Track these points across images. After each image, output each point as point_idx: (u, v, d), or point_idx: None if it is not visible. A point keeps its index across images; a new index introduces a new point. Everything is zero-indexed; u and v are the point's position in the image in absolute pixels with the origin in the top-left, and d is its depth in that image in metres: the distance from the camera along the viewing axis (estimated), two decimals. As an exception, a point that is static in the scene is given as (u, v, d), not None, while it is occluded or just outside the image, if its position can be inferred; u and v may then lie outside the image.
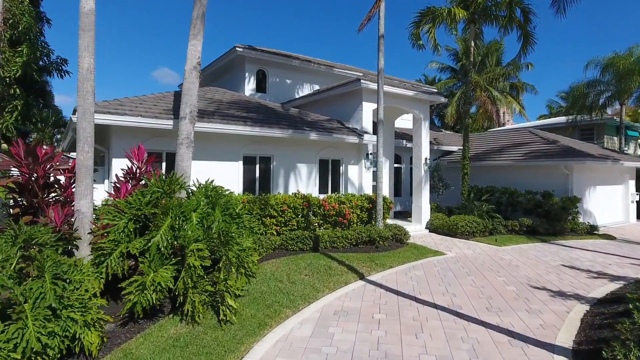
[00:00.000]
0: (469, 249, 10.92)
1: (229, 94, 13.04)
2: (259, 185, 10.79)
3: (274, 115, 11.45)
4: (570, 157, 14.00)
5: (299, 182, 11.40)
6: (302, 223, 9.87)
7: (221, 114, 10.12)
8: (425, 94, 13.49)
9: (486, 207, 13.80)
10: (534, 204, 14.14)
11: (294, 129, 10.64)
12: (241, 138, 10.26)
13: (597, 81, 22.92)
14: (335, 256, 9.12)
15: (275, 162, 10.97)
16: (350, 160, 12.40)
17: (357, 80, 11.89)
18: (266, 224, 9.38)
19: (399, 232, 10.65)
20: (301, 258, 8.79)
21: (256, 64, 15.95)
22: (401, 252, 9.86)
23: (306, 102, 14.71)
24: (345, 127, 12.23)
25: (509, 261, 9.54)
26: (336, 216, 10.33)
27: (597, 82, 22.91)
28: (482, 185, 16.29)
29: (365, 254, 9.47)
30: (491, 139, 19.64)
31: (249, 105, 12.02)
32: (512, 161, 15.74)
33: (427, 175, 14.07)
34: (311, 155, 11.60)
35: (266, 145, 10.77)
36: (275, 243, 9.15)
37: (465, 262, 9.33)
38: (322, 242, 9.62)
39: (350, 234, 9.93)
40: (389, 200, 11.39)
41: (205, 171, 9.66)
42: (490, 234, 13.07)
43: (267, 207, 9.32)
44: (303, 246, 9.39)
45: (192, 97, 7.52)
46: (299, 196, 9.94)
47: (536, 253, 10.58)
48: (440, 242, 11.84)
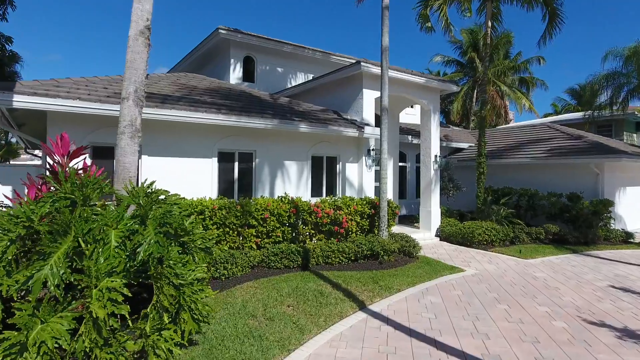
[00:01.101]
0: (491, 263, 9.11)
1: (208, 80, 11.24)
2: (238, 188, 8.97)
3: (257, 104, 9.64)
4: (602, 154, 12.18)
5: (287, 184, 9.59)
6: (289, 234, 8.06)
7: (190, 99, 8.32)
8: (436, 81, 11.69)
9: (505, 211, 11.99)
10: (559, 208, 12.32)
11: (280, 118, 8.82)
12: (215, 130, 8.46)
13: (617, 73, 21.07)
14: (329, 276, 7.31)
15: (258, 160, 9.16)
16: (348, 158, 10.58)
17: (357, 63, 10.08)
18: (244, 235, 7.56)
19: (407, 243, 8.83)
20: (286, 279, 6.98)
21: (243, 50, 14.13)
22: (411, 269, 8.04)
23: (299, 92, 12.90)
24: (343, 119, 10.42)
25: (544, 281, 7.72)
26: (331, 225, 8.52)
27: (617, 74, 21.07)
28: (496, 186, 14.48)
29: (366, 273, 7.66)
30: (505, 135, 17.83)
31: (229, 92, 10.21)
32: (531, 159, 13.93)
33: (437, 175, 12.25)
34: (302, 151, 9.79)
35: (247, 138, 8.96)
36: (254, 259, 7.34)
37: (490, 282, 7.52)
38: (314, 257, 7.81)
39: (348, 247, 8.12)
40: (394, 205, 9.58)
41: (169, 170, 7.86)
42: (511, 243, 11.26)
43: (246, 215, 7.51)
44: (289, 263, 7.58)
45: (137, 72, 5.71)
46: (285, 201, 8.13)
47: (572, 269, 8.77)
48: (455, 254, 10.02)
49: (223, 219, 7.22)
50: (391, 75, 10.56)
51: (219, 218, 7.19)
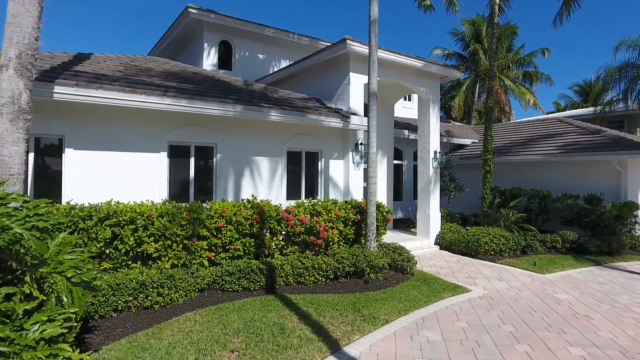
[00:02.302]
0: (501, 280, 7.54)
1: (170, 64, 9.68)
2: (194, 190, 7.40)
3: (223, 89, 8.07)
4: (627, 150, 10.60)
5: (257, 184, 8.02)
6: (253, 247, 6.49)
7: (132, 81, 6.75)
8: (436, 65, 10.12)
9: (514, 216, 10.42)
10: (576, 212, 10.76)
11: (245, 104, 7.25)
12: (165, 118, 6.91)
13: (631, 64, 19.48)
14: (299, 301, 5.74)
15: (220, 155, 7.59)
16: (332, 154, 9.02)
17: (343, 41, 8.52)
18: (192, 249, 5.99)
19: (400, 257, 7.27)
20: (240, 308, 5.41)
21: (218, 33, 12.56)
22: (404, 291, 6.48)
23: (280, 79, 11.34)
24: (326, 107, 8.85)
25: (570, 306, 6.16)
26: (306, 234, 6.95)
27: (632, 66, 19.49)
28: (503, 186, 12.92)
29: (347, 296, 6.10)
30: (511, 131, 16.27)
31: (192, 76, 8.64)
32: (543, 156, 12.35)
33: (437, 174, 10.69)
34: (275, 145, 8.23)
35: (205, 129, 7.39)
36: (203, 281, 5.77)
37: (503, 309, 5.95)
38: (281, 276, 6.25)
39: (326, 263, 6.56)
40: (385, 209, 8.01)
41: (103, 167, 6.30)
42: (522, 253, 9.70)
43: (194, 224, 5.94)
44: (249, 284, 6.02)
45: (23, 31, 4.15)
46: (248, 205, 6.56)
47: (600, 287, 7.21)
48: (457, 268, 8.45)
49: (162, 229, 5.65)
50: (383, 56, 9.01)
51: (157, 228, 5.62)
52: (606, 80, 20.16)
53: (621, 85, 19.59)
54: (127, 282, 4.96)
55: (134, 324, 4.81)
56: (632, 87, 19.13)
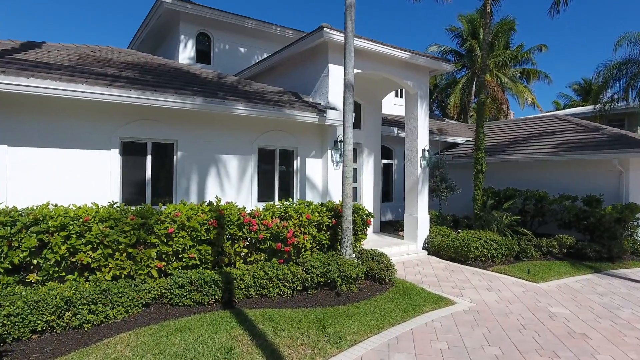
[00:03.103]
0: (491, 291, 6.85)
1: (138, 55, 8.98)
2: (151, 191, 6.71)
3: (187, 81, 7.38)
4: (628, 148, 9.91)
5: (225, 185, 7.33)
6: (210, 255, 5.79)
7: (77, 69, 6.06)
8: (424, 57, 9.42)
9: (508, 218, 9.73)
10: (574, 214, 10.06)
11: (207, 96, 6.56)
12: (116, 111, 6.22)
13: (631, 61, 18.79)
14: (257, 318, 5.05)
15: (181, 153, 6.89)
16: (309, 151, 8.33)
17: (320, 29, 7.83)
18: (137, 259, 5.30)
19: (378, 265, 6.58)
20: (185, 327, 4.72)
21: (195, 25, 11.87)
22: (379, 304, 5.78)
23: (258, 72, 10.65)
24: (301, 101, 8.16)
25: (565, 322, 5.47)
26: (273, 240, 6.25)
27: (632, 62, 18.80)
28: (497, 187, 12.23)
29: (314, 311, 5.41)
30: (508, 129, 15.58)
31: (158, 68, 7.95)
32: (539, 155, 11.66)
33: (425, 173, 10.00)
34: (245, 142, 7.54)
35: (164, 124, 6.71)
36: (148, 294, 5.08)
37: (490, 325, 5.26)
38: (241, 288, 5.56)
39: (293, 273, 5.87)
40: (365, 212, 7.32)
41: (45, 166, 5.62)
42: (516, 259, 9.01)
43: (139, 230, 5.25)
44: (202, 298, 5.33)
45: None
46: (206, 209, 5.87)
47: (600, 299, 6.51)
48: (444, 276, 7.76)
49: (101, 237, 4.96)
50: (365, 46, 8.34)
51: (95, 235, 4.93)
52: (606, 78, 19.47)
53: (621, 82, 18.88)
54: (49, 298, 4.27)
55: (55, 348, 4.12)
56: (633, 84, 18.44)
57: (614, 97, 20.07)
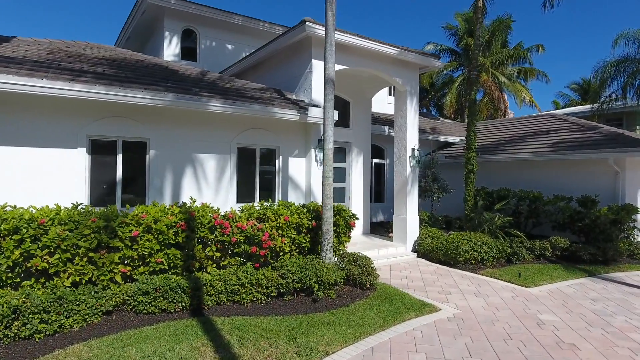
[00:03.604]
0: (479, 296, 6.54)
1: (117, 51, 8.67)
2: (122, 192, 6.40)
3: (162, 77, 7.08)
4: (625, 147, 9.61)
5: (202, 185, 7.03)
6: (179, 259, 5.48)
7: (43, 64, 5.76)
8: (413, 53, 9.11)
9: (500, 220, 9.42)
10: (568, 216, 9.75)
11: (180, 92, 6.25)
12: (82, 107, 5.92)
13: (629, 59, 18.48)
14: (225, 327, 4.75)
15: (155, 152, 6.59)
16: (292, 150, 8.03)
17: (302, 23, 7.52)
18: (99, 264, 4.99)
19: (359, 270, 6.27)
20: (147, 337, 4.41)
21: (181, 21, 11.57)
22: (357, 311, 5.48)
23: (244, 69, 10.34)
24: (283, 98, 7.86)
25: (554, 330, 5.16)
26: (248, 244, 5.94)
27: (630, 60, 18.49)
28: (491, 187, 11.92)
29: (287, 319, 5.10)
30: (503, 128, 15.27)
31: (135, 64, 7.65)
32: (534, 154, 11.36)
33: (415, 173, 9.70)
34: (223, 140, 7.23)
35: (135, 121, 6.40)
36: (109, 302, 4.78)
37: (474, 335, 4.95)
38: (211, 294, 5.26)
39: (268, 278, 5.57)
40: (348, 214, 7.01)
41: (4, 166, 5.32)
42: (508, 262, 8.71)
43: (101, 233, 4.95)
44: (169, 305, 5.02)
45: None
46: (176, 210, 5.56)
47: (592, 305, 6.20)
48: (432, 280, 7.45)
49: (58, 240, 4.65)
50: (351, 41, 8.04)
51: (52, 239, 4.63)
52: (603, 76, 19.17)
53: (619, 80, 18.58)
54: (-6, 307, 3.97)
55: (-1, 362, 3.82)
56: (631, 83, 18.14)
57: (611, 96, 19.78)
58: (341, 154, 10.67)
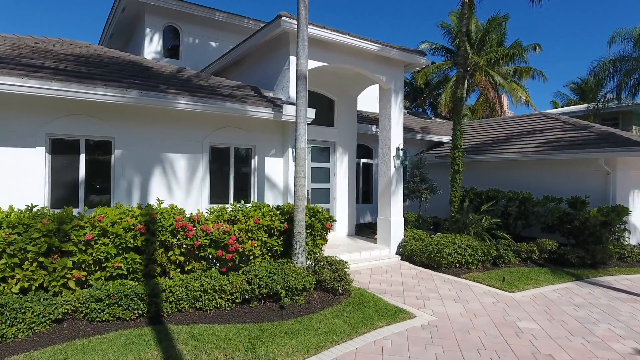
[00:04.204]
0: (458, 302, 6.27)
1: (92, 48, 8.40)
2: (85, 193, 6.14)
3: (134, 74, 6.81)
4: (615, 147, 9.35)
5: (172, 186, 6.76)
6: (138, 264, 5.22)
7: None
8: (396, 50, 8.85)
9: (487, 221, 9.16)
10: (558, 217, 9.48)
11: (145, 89, 5.99)
12: (41, 105, 5.66)
13: (624, 58, 18.22)
14: (180, 336, 4.48)
15: (120, 151, 6.33)
16: (269, 150, 7.77)
17: (278, 17, 7.26)
18: (51, 269, 4.73)
19: (332, 274, 6.00)
20: (93, 348, 4.14)
21: (162, 17, 11.32)
22: (326, 319, 5.21)
23: (224, 66, 10.08)
24: (259, 95, 7.60)
25: (532, 339, 4.89)
26: (214, 247, 5.68)
27: (626, 59, 18.23)
28: (481, 188, 11.65)
29: (250, 327, 4.83)
30: (494, 127, 15.00)
31: (107, 61, 7.38)
32: (524, 154, 11.10)
33: (399, 173, 9.43)
34: (194, 139, 6.97)
35: (100, 120, 6.14)
36: (58, 309, 4.52)
37: (447, 344, 4.68)
38: (170, 301, 5.00)
39: (232, 284, 5.30)
40: (324, 215, 6.75)
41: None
42: (493, 265, 8.44)
43: (55, 236, 4.69)
44: (124, 313, 4.76)
45: None
46: (137, 212, 5.30)
47: (576, 312, 5.94)
48: (412, 284, 7.18)
49: (4, 245, 4.39)
50: (330, 37, 7.78)
51: (-5, 243, 4.36)
52: (599, 75, 18.92)
53: (615, 79, 18.38)
54: None
55: None
56: (626, 82, 17.89)
57: (607, 95, 19.51)
58: (325, 153, 10.41)
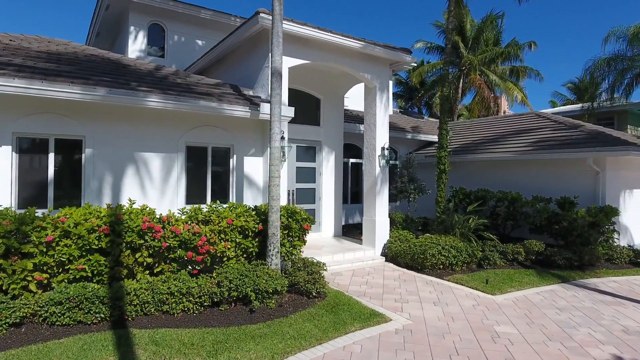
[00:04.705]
0: (437, 304, 6.11)
1: (71, 46, 8.25)
2: (54, 193, 5.98)
3: (108, 72, 6.67)
4: (604, 147, 9.20)
5: (146, 186, 6.61)
6: (104, 266, 5.07)
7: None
8: (380, 47, 8.69)
9: (474, 222, 9.00)
10: (546, 218, 9.33)
11: (115, 87, 5.84)
12: (6, 103, 5.50)
13: (619, 57, 18.05)
14: (140, 341, 4.32)
15: (91, 150, 6.18)
16: (248, 149, 7.62)
17: (256, 14, 7.11)
18: (9, 271, 4.58)
19: (307, 276, 5.84)
20: (47, 354, 3.99)
21: (147, 15, 11.17)
22: (296, 322, 5.05)
23: (207, 65, 9.93)
24: (237, 93, 7.45)
25: (508, 345, 4.74)
26: (184, 249, 5.53)
27: (620, 58, 18.06)
28: (471, 188, 11.49)
29: (216, 332, 4.68)
30: (485, 126, 14.84)
31: (83, 58, 7.23)
32: (513, 154, 10.94)
33: (384, 173, 9.28)
34: (169, 138, 6.82)
35: (69, 118, 5.99)
36: (16, 312, 4.37)
37: (419, 350, 4.53)
38: (134, 304, 4.84)
39: (201, 286, 5.15)
40: (301, 216, 6.60)
41: None
42: (479, 267, 8.29)
43: (13, 238, 4.54)
44: (86, 317, 4.61)
45: None
46: (103, 213, 5.15)
47: (557, 315, 5.79)
48: (393, 287, 7.02)
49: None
50: (311, 34, 7.63)
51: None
52: (594, 74, 18.76)
53: (610, 78, 18.23)
54: None
55: None
56: (621, 81, 17.74)
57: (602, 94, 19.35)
58: (311, 153, 10.26)
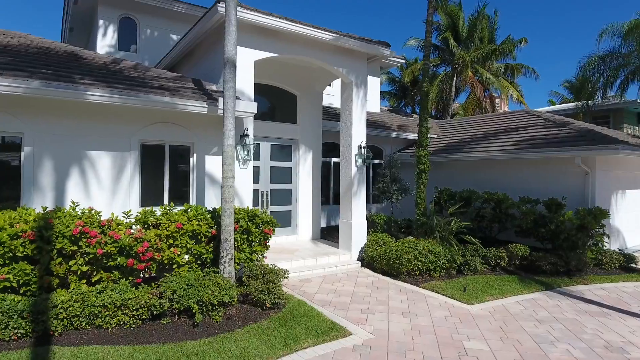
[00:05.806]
0: (406, 316, 5.63)
1: (28, 38, 7.74)
2: (-12, 194, 5.51)
3: (52, 63, 6.19)
4: (592, 145, 8.72)
5: (93, 187, 6.12)
6: (31, 275, 4.59)
7: None
8: (353, 40, 8.20)
9: (456, 225, 8.52)
10: (532, 220, 8.84)
11: (52, 79, 5.36)
12: None
13: (613, 54, 17.57)
14: (58, 363, 3.85)
15: (31, 149, 5.68)
16: (210, 148, 7.13)
17: (215, 5, 6.63)
18: None
19: (261, 286, 5.36)
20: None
21: (117, 8, 10.68)
22: (242, 338, 4.57)
23: (176, 60, 9.44)
24: (195, 88, 6.97)
25: None
26: (124, 256, 5.04)
27: (615, 55, 17.58)
28: (457, 188, 11.00)
29: (150, 349, 4.20)
30: (474, 124, 14.36)
31: (32, 50, 6.75)
32: (500, 152, 10.45)
33: (361, 173, 8.81)
34: (121, 136, 6.33)
35: (7, 115, 5.51)
36: None
37: (372, 371, 4.05)
38: (62, 318, 4.36)
39: (138, 298, 4.67)
40: (263, 219, 6.11)
41: None
42: (459, 273, 7.81)
43: None
44: (2, 333, 4.13)
45: None
46: (33, 216, 4.67)
47: (535, 328, 5.30)
48: (362, 295, 6.54)
49: None
50: (280, 26, 7.17)
51: None
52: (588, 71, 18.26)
53: (604, 75, 17.75)
54: None
55: None
56: (615, 78, 17.26)
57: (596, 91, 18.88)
58: (286, 151, 9.79)
